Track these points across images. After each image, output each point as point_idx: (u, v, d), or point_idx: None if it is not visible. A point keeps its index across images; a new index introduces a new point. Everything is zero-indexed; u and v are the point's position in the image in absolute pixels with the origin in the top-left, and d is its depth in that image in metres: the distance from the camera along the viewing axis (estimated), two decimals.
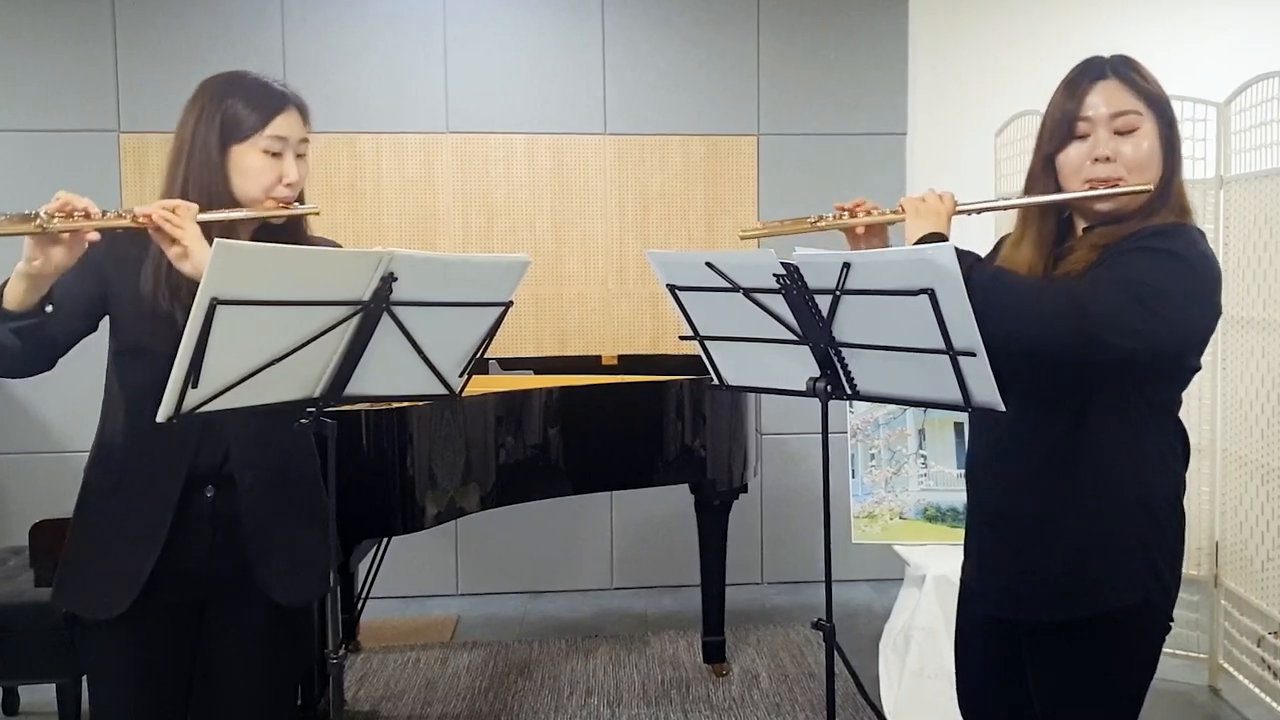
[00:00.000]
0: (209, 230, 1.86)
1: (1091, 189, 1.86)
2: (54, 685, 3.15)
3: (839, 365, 1.94)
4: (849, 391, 1.97)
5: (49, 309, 1.87)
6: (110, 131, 4.76)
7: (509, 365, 4.31)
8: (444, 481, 3.19)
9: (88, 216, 1.81)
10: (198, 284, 1.65)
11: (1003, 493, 1.98)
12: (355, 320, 1.83)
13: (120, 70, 4.76)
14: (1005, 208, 2.04)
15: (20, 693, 3.53)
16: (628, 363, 4.42)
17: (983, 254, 2.04)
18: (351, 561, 3.53)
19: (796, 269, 1.81)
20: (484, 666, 4.17)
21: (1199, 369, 1.93)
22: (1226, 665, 3.84)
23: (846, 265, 1.74)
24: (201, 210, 1.89)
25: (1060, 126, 1.90)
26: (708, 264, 1.94)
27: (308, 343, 1.80)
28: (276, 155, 1.98)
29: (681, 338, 2.15)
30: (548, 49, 4.95)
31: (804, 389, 2.00)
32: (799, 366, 2.00)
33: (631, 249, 4.99)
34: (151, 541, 1.98)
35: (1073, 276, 1.84)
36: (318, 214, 2.08)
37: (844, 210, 2.10)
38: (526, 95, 4.95)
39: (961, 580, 2.14)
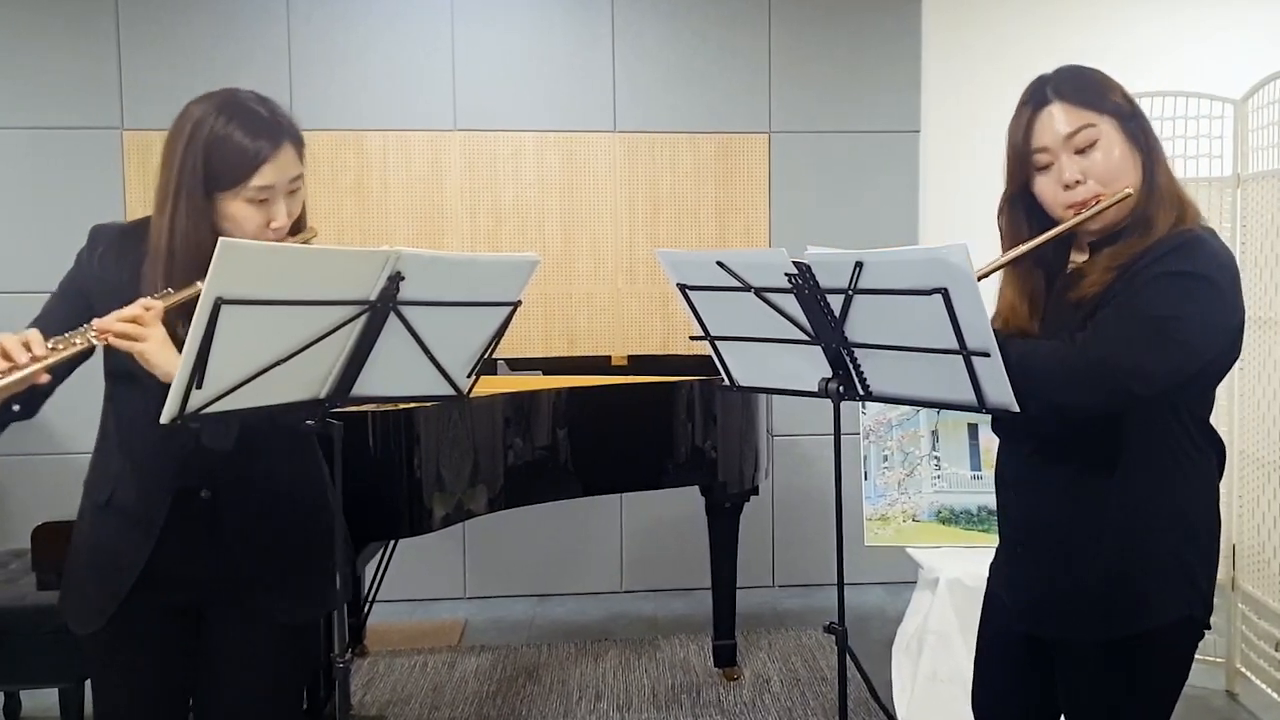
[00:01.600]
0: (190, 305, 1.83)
1: (1076, 214, 1.81)
2: (56, 690, 3.13)
3: (851, 366, 1.92)
4: (861, 392, 1.95)
5: (16, 408, 1.85)
6: (114, 129, 4.75)
7: (517, 366, 4.31)
8: (451, 483, 3.17)
9: (34, 360, 1.73)
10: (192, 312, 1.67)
11: (1036, 511, 1.94)
12: (362, 320, 1.82)
13: (124, 67, 4.74)
14: (1009, 262, 1.92)
15: (22, 698, 3.51)
16: (637, 363, 4.41)
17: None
18: (358, 564, 3.51)
19: (808, 268, 1.80)
20: (492, 670, 4.15)
21: (1233, 364, 1.89)
22: (1244, 669, 3.80)
23: (859, 264, 1.73)
24: (181, 260, 1.85)
25: (1017, 164, 1.88)
26: (718, 263, 1.93)
27: (314, 343, 1.79)
28: (264, 202, 1.91)
29: (692, 338, 2.13)
30: (557, 45, 4.93)
31: (816, 390, 1.99)
32: (811, 367, 1.98)
33: (641, 248, 4.97)
34: (137, 555, 1.96)
35: (1087, 301, 1.81)
36: (315, 237, 2.03)
37: None
38: (535, 92, 4.93)
39: (989, 592, 2.11)
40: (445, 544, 4.91)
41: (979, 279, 1.84)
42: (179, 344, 1.72)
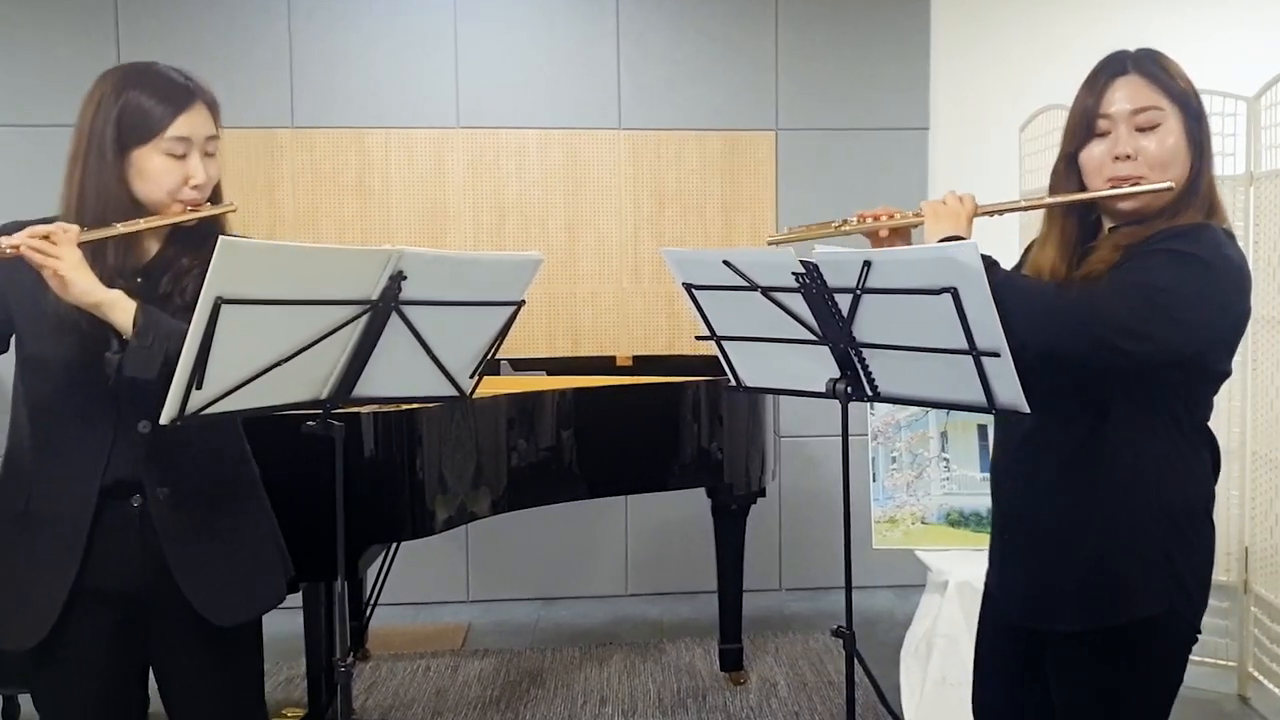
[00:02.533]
0: (103, 246, 1.81)
1: (1113, 187, 1.83)
2: None
3: (859, 366, 1.92)
4: (869, 393, 1.96)
5: None
6: None
7: (521, 366, 4.28)
8: (454, 485, 3.15)
9: None
10: (120, 269, 1.74)
11: (1024, 500, 1.96)
12: (363, 320, 1.82)
13: (122, 63, 4.69)
14: (1026, 208, 2.02)
15: (20, 701, 3.47)
16: (643, 363, 4.38)
17: (1005, 256, 1.99)
18: (360, 567, 3.48)
19: (816, 267, 1.80)
20: (495, 675, 4.12)
21: (1228, 374, 1.89)
22: (1256, 673, 3.77)
23: (867, 264, 1.73)
24: (93, 225, 1.81)
25: (1081, 124, 1.88)
26: (725, 262, 1.93)
27: (315, 343, 1.79)
28: (181, 157, 1.88)
29: (698, 338, 2.13)
30: (561, 42, 4.91)
31: (823, 390, 1.99)
32: (818, 367, 1.98)
33: (646, 247, 4.94)
34: (67, 563, 1.88)
35: (1094, 277, 1.82)
36: (233, 210, 1.97)
37: (866, 216, 2.06)
38: (539, 90, 4.91)
39: (985, 587, 2.11)
40: (448, 547, 4.89)
41: (990, 215, 1.96)
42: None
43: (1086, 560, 1.85)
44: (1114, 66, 1.87)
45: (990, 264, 1.80)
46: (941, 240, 1.88)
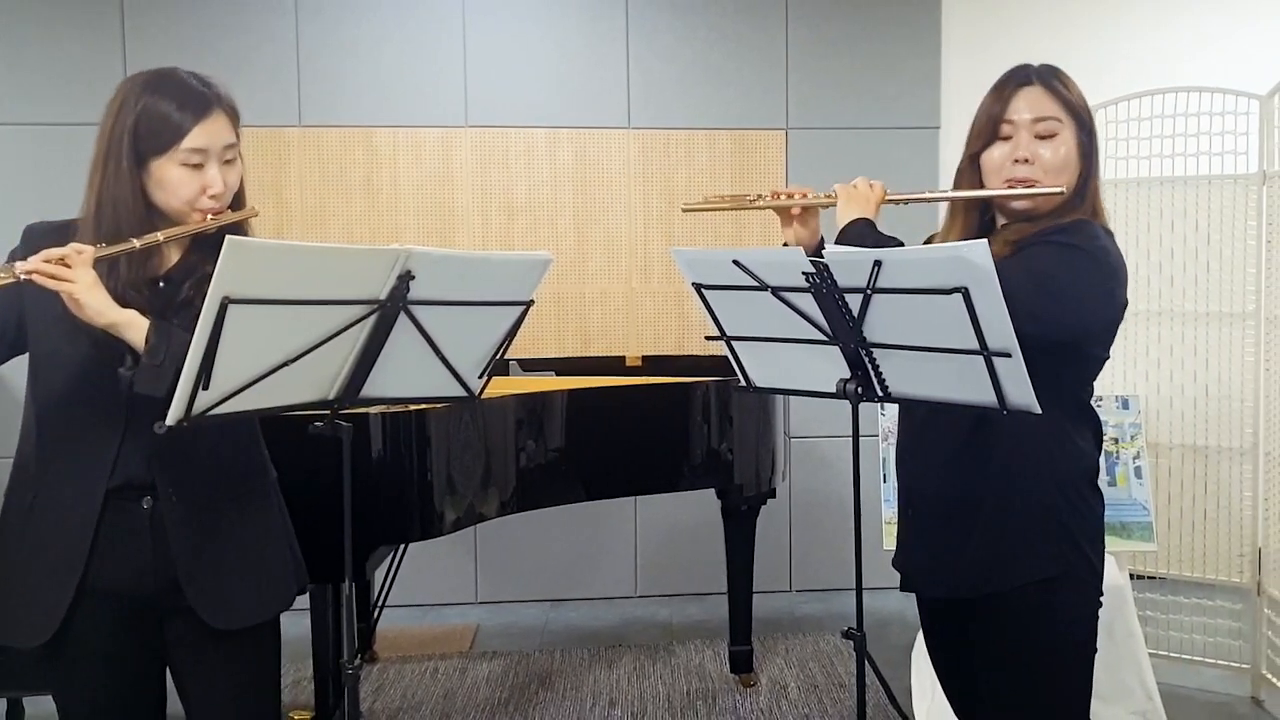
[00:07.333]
0: (132, 258, 1.82)
1: (1010, 188, 1.99)
2: None
3: (870, 366, 1.93)
4: (880, 393, 1.96)
5: None
6: None
7: (530, 366, 4.27)
8: (463, 486, 3.13)
9: None
10: (134, 281, 1.77)
11: (924, 479, 2.09)
12: (371, 320, 1.80)
13: (128, 61, 4.70)
14: (930, 200, 2.20)
15: (25, 704, 3.47)
16: (652, 364, 4.36)
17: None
18: (368, 569, 3.48)
19: (826, 267, 1.80)
20: (504, 677, 4.11)
21: (1106, 358, 2.02)
22: (1269, 675, 3.75)
23: (878, 263, 1.73)
24: (109, 234, 1.81)
25: (986, 128, 2.04)
26: (735, 262, 1.93)
27: (322, 343, 1.77)
28: (198, 167, 1.87)
29: (708, 338, 2.13)
30: (570, 40, 4.90)
31: (834, 391, 1.99)
32: (829, 367, 1.98)
33: (656, 246, 4.94)
34: (73, 561, 1.88)
35: None
36: (255, 215, 1.97)
37: (780, 194, 2.23)
38: (548, 88, 4.90)
39: (896, 567, 2.21)
40: (456, 548, 4.88)
41: (897, 204, 2.16)
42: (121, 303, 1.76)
43: (984, 532, 1.97)
44: (1019, 77, 2.02)
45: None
46: (850, 222, 2.07)
